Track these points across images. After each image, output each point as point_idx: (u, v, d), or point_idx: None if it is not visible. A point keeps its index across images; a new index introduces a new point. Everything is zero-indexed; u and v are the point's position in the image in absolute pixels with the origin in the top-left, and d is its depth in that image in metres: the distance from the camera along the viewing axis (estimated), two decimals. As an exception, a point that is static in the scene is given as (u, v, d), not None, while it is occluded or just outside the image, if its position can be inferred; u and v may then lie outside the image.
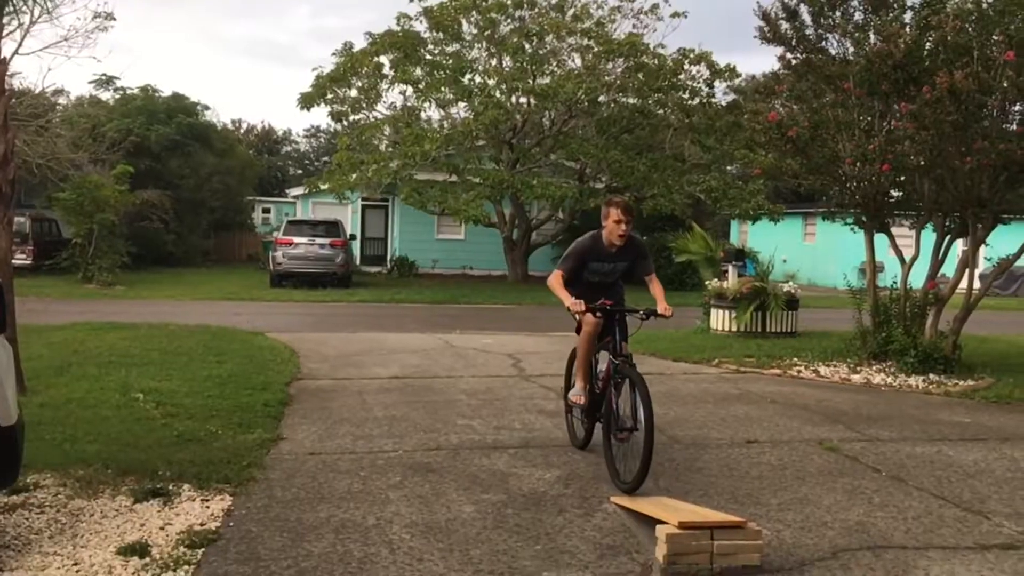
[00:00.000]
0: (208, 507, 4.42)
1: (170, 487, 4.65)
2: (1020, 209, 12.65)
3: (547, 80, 21.92)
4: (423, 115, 24.16)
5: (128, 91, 29.31)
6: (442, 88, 22.09)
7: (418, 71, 22.44)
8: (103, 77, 29.07)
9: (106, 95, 29.48)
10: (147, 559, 3.73)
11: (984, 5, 8.65)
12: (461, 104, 22.48)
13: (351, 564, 3.74)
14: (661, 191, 21.49)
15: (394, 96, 24.23)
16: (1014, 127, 8.80)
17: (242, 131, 52.67)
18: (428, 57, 22.85)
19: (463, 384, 8.29)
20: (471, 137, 21.42)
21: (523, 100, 22.60)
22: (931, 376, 9.03)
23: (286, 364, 8.99)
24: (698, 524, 3.74)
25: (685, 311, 15.90)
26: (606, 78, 22.01)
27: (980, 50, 8.36)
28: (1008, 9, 8.31)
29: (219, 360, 8.92)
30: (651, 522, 3.93)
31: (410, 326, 13.93)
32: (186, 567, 3.67)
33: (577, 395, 5.59)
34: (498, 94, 21.82)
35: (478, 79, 22.66)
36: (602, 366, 5.45)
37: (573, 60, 23.23)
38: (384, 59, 22.64)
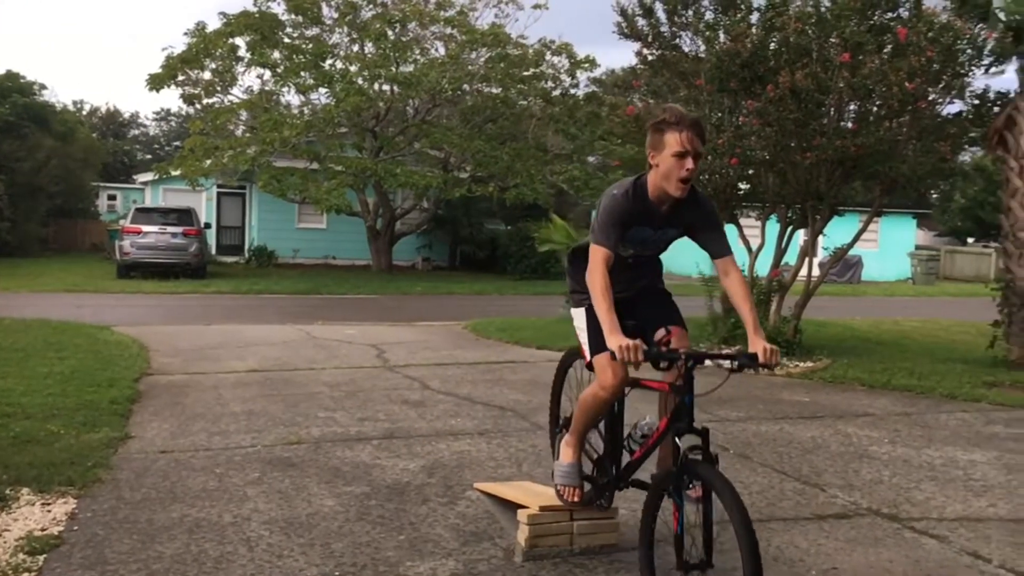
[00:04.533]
0: (50, 511, 4.16)
1: (7, 491, 4.34)
2: (854, 202, 13.58)
3: (410, 68, 21.77)
4: (282, 100, 23.53)
5: (-46, 67, 27.05)
6: (302, 73, 21.56)
7: (276, 55, 21.81)
8: (-75, 51, 26.73)
9: (-71, 71, 27.12)
10: (-21, 570, 3.47)
11: (822, 9, 9.21)
12: (322, 90, 22.01)
13: (206, 564, 3.62)
14: (524, 180, 21.78)
15: (251, 80, 23.57)
16: (849, 125, 9.41)
17: (84, 113, 49.61)
18: (287, 40, 22.23)
19: (325, 376, 8.14)
20: (333, 124, 21.04)
21: (386, 87, 22.36)
22: (775, 359, 9.56)
23: (135, 359, 8.55)
24: (558, 506, 3.83)
25: (548, 300, 16.21)
26: (470, 68, 22.06)
27: (819, 51, 8.91)
28: (843, 14, 8.89)
29: (60, 356, 8.39)
30: (513, 507, 3.98)
31: (270, 317, 13.55)
32: (26, 575, 3.45)
33: (568, 483, 3.63)
34: (360, 81, 21.48)
35: (339, 65, 22.25)
36: (644, 431, 3.49)
37: (436, 49, 23.20)
38: (240, 41, 21.87)
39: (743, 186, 10.73)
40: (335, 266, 26.26)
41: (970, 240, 35.99)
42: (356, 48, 22.95)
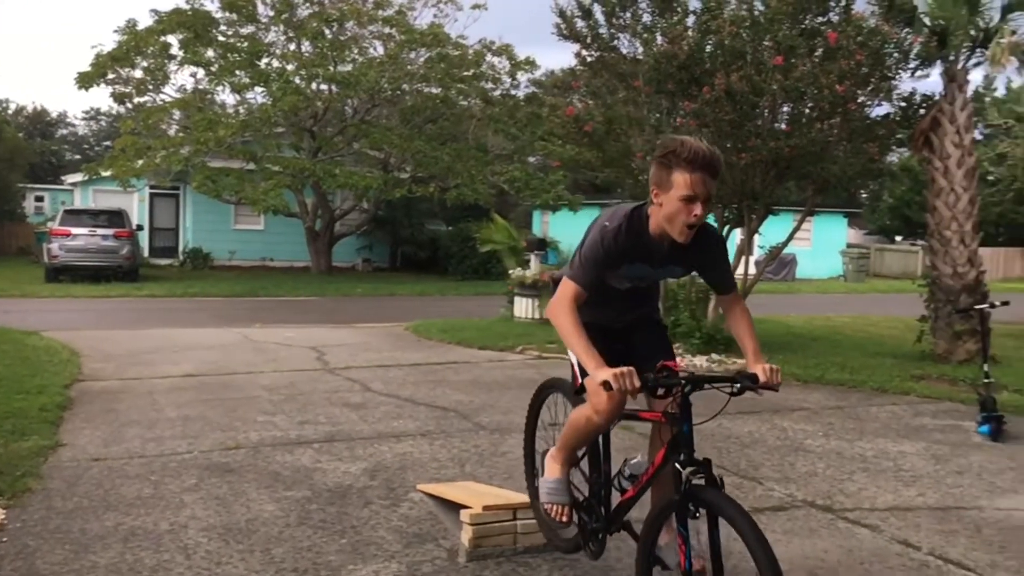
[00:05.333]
0: (-26, 524, 4.01)
1: (-73, 505, 4.18)
2: (788, 201, 13.86)
3: (349, 67, 21.57)
4: (217, 99, 23.13)
5: None
6: (237, 72, 21.20)
7: (210, 53, 21.40)
8: None
9: None
10: (-101, 587, 3.34)
11: (756, 13, 9.40)
12: (258, 89, 21.68)
13: (142, 573, 3.53)
14: (465, 181, 21.76)
15: (184, 78, 23.10)
16: (782, 127, 9.62)
17: (10, 112, 47.99)
18: (221, 39, 21.84)
19: (264, 379, 8.01)
20: (269, 123, 20.74)
21: (324, 87, 22.13)
22: (713, 355, 9.73)
23: (65, 365, 8.30)
24: (501, 506, 3.83)
25: (490, 300, 16.23)
26: (409, 67, 21.96)
27: (753, 54, 9.09)
28: (776, 18, 9.08)
29: (-14, 363, 8.11)
30: (456, 507, 3.98)
31: (205, 321, 13.28)
32: (-52, 592, 3.33)
33: (556, 500, 3.28)
34: (297, 80, 21.21)
35: (276, 64, 21.94)
36: (635, 470, 3.18)
37: (375, 48, 23.03)
38: (172, 39, 21.41)
39: (681, 186, 10.88)
40: (273, 268, 25.89)
41: (898, 238, 37.12)
42: (293, 47, 22.66)
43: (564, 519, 3.27)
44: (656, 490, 3.08)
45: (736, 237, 11.37)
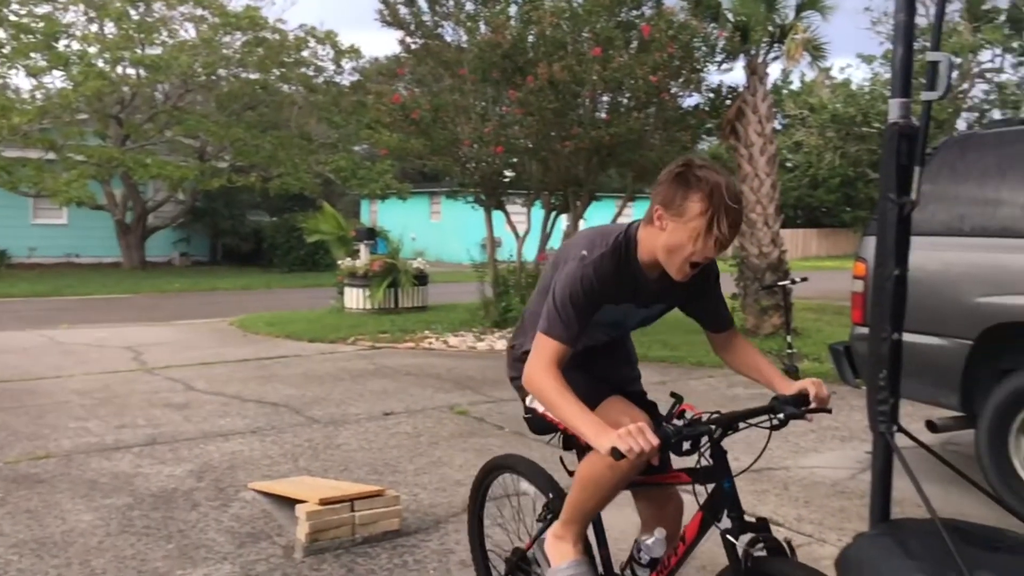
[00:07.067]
0: None
1: None
2: (610, 188, 14.39)
3: (158, 51, 20.38)
4: (10, 84, 21.23)
5: None
6: (31, 54, 19.53)
7: (1, 34, 19.59)
8: None
9: None
10: None
11: (575, 4, 9.69)
12: (57, 73, 20.07)
13: (-60, 600, 3.23)
14: (289, 170, 21.15)
15: (-30, 61, 20.95)
16: (603, 116, 9.99)
17: None
18: (13, 18, 20.04)
19: (74, 383, 7.48)
20: (70, 110, 19.26)
21: (131, 71, 20.80)
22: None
23: None
24: (338, 499, 3.78)
25: (319, 292, 15.87)
26: (224, 52, 21.03)
27: (574, 45, 9.37)
28: (594, 10, 9.40)
29: None
30: (291, 503, 3.89)
31: (4, 323, 12.21)
32: None
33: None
34: (101, 63, 19.81)
35: (76, 46, 20.38)
36: (653, 552, 2.53)
37: (187, 31, 21.89)
38: (-44, 17, 19.44)
39: (509, 173, 11.09)
40: (79, 264, 24.12)
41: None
42: (95, 28, 21.14)
43: None
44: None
45: (563, 223, 11.71)
